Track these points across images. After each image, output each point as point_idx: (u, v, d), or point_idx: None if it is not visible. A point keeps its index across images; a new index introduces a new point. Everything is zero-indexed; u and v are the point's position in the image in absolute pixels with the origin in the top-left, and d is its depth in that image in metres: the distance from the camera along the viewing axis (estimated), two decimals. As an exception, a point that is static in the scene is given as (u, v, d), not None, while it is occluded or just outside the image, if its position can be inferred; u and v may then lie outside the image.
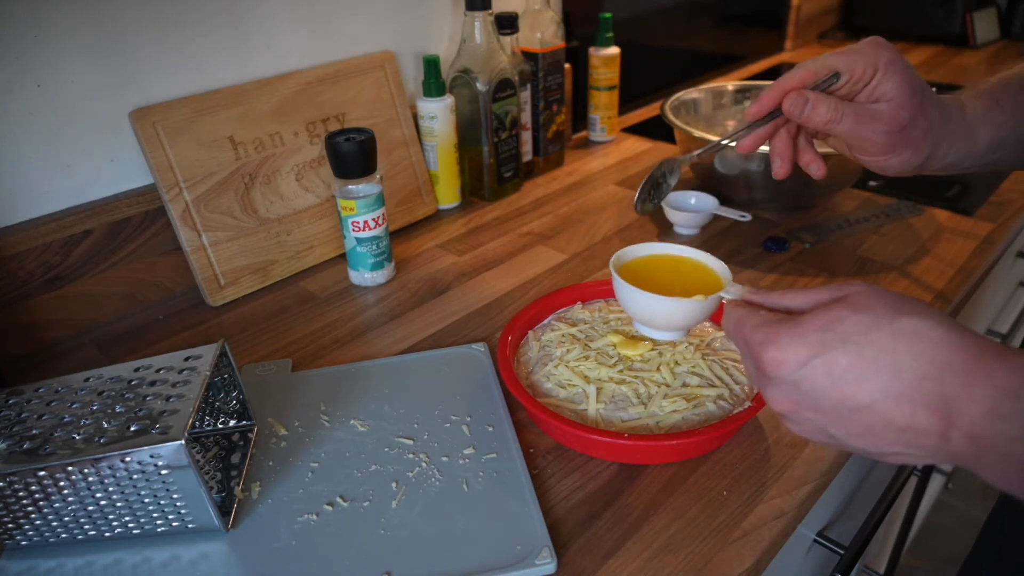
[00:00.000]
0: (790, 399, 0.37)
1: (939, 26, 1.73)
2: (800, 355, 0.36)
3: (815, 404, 0.37)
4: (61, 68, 0.69)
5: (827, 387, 0.36)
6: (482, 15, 0.91)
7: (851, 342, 0.35)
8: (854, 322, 0.36)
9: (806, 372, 0.36)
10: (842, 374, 0.35)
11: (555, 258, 0.87)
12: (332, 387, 0.64)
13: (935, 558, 1.60)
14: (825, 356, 0.36)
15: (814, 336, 0.36)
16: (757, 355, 0.38)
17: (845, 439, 0.37)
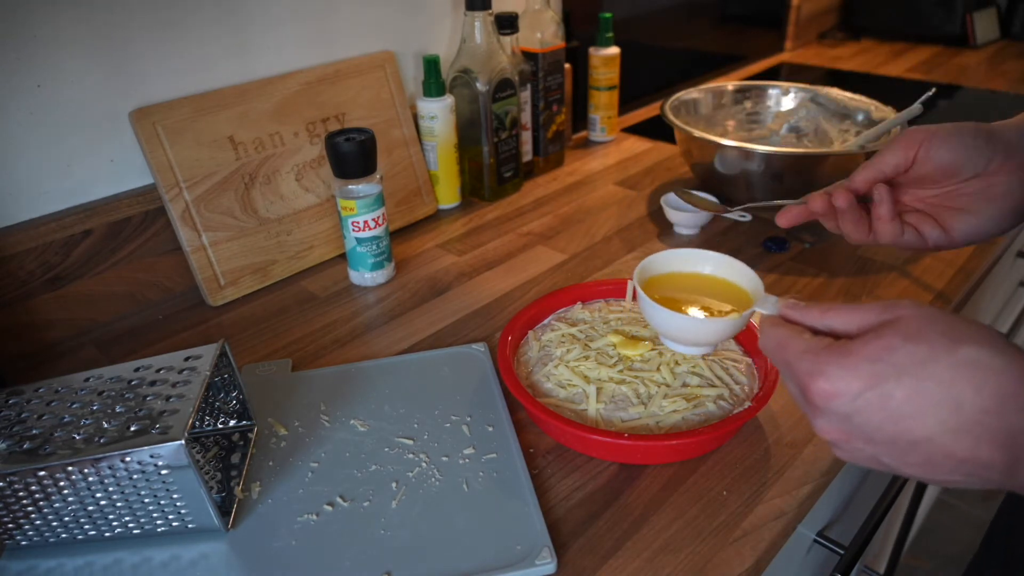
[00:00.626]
0: (840, 430, 0.36)
1: (939, 26, 1.73)
2: (852, 388, 0.35)
3: (868, 436, 0.35)
4: (61, 68, 0.69)
5: (882, 420, 0.34)
6: (482, 15, 0.91)
7: (906, 375, 0.34)
8: (908, 352, 0.34)
9: (859, 405, 0.34)
10: (898, 407, 0.34)
11: (555, 258, 0.87)
12: (332, 387, 0.64)
13: (935, 558, 1.60)
14: (879, 389, 0.34)
15: (866, 368, 0.34)
16: (805, 386, 0.36)
17: (900, 468, 0.36)
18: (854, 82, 1.50)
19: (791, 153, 0.88)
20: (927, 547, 1.62)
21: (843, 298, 0.76)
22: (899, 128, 0.91)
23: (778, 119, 1.11)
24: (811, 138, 1.08)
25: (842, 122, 1.05)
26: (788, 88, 1.11)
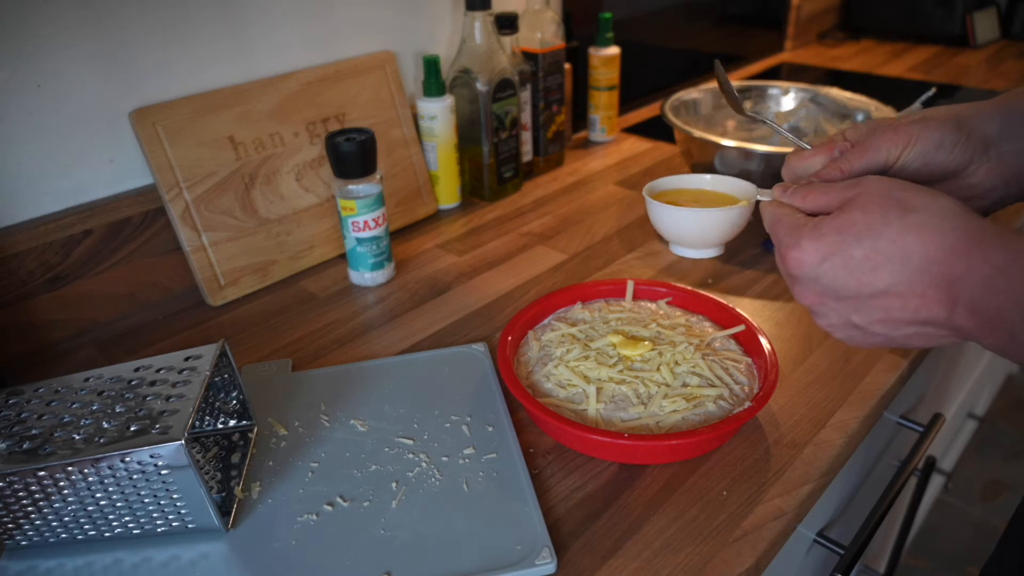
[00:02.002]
0: (813, 292, 0.43)
1: (939, 26, 1.73)
2: (820, 253, 0.41)
3: (836, 294, 0.41)
4: (61, 68, 0.69)
5: (846, 277, 0.40)
6: (482, 15, 0.91)
7: (864, 237, 0.40)
8: (866, 222, 0.40)
9: (825, 268, 0.41)
10: (858, 265, 0.40)
11: (555, 258, 0.87)
12: (332, 387, 0.64)
13: (935, 558, 1.60)
14: (841, 253, 0.40)
15: (832, 238, 0.41)
16: (783, 256, 0.43)
17: (868, 327, 0.41)
18: (854, 82, 1.50)
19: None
20: (927, 547, 1.62)
21: (843, 298, 0.76)
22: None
23: (778, 119, 1.11)
24: (811, 138, 1.08)
25: (842, 122, 1.05)
26: (788, 88, 1.11)
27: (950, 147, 0.47)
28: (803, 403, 0.62)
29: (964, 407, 1.50)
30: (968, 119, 0.47)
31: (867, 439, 0.75)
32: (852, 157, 0.48)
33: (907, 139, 0.46)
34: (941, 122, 0.47)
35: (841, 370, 0.66)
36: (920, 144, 0.46)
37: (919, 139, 0.46)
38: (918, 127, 0.47)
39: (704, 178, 0.60)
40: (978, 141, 0.47)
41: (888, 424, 0.83)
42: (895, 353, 0.68)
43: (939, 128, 0.46)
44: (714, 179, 0.59)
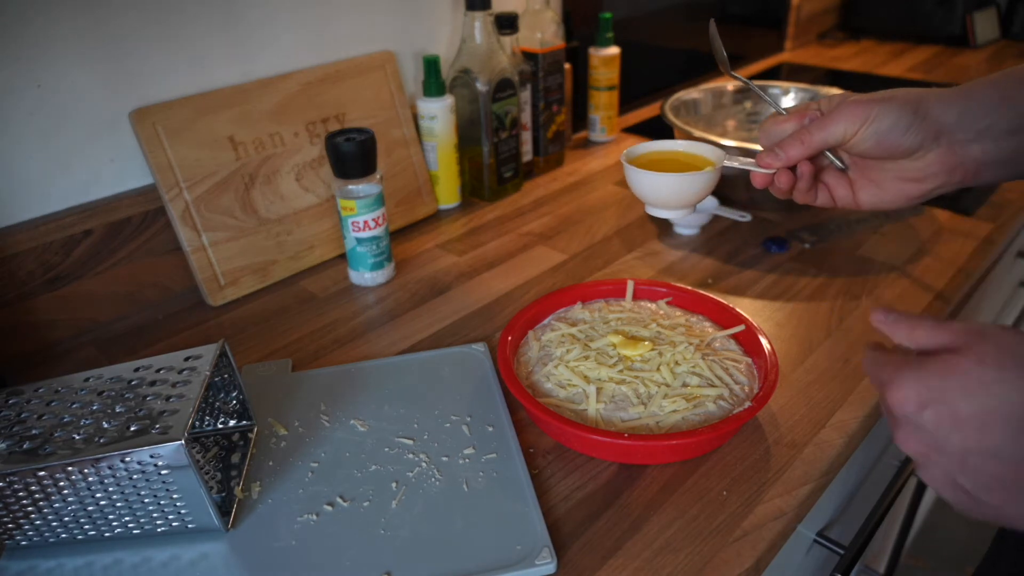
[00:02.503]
0: (917, 440, 0.37)
1: (939, 26, 1.73)
2: (920, 396, 0.36)
3: (940, 447, 0.36)
4: (61, 68, 0.69)
5: (950, 429, 0.35)
6: (482, 15, 0.91)
7: (973, 395, 0.35)
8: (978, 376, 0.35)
9: (929, 415, 0.36)
10: (966, 420, 0.35)
11: (555, 258, 0.87)
12: (332, 387, 0.64)
13: (935, 558, 1.60)
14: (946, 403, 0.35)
15: (935, 382, 0.36)
16: (883, 395, 0.38)
17: (976, 492, 0.36)
18: (854, 82, 1.50)
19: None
20: (927, 547, 1.62)
21: (843, 298, 0.76)
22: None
23: (778, 119, 1.11)
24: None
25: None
26: (788, 88, 1.11)
27: (903, 130, 0.48)
28: (803, 403, 0.62)
29: (964, 407, 1.49)
30: (927, 105, 0.48)
31: (867, 439, 0.75)
32: (813, 129, 0.51)
33: (864, 118, 0.48)
34: (901, 104, 0.48)
35: (841, 370, 0.66)
36: (876, 123, 0.48)
37: (876, 119, 0.48)
38: (878, 108, 0.48)
39: (678, 143, 0.64)
40: (931, 127, 0.48)
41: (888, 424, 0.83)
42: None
43: (897, 110, 0.48)
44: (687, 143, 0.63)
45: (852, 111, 0.49)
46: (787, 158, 0.53)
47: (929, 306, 0.74)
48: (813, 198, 0.56)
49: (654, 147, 0.63)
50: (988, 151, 0.48)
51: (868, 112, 0.48)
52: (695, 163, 0.62)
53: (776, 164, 0.54)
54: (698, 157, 0.62)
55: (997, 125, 0.47)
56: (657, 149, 0.63)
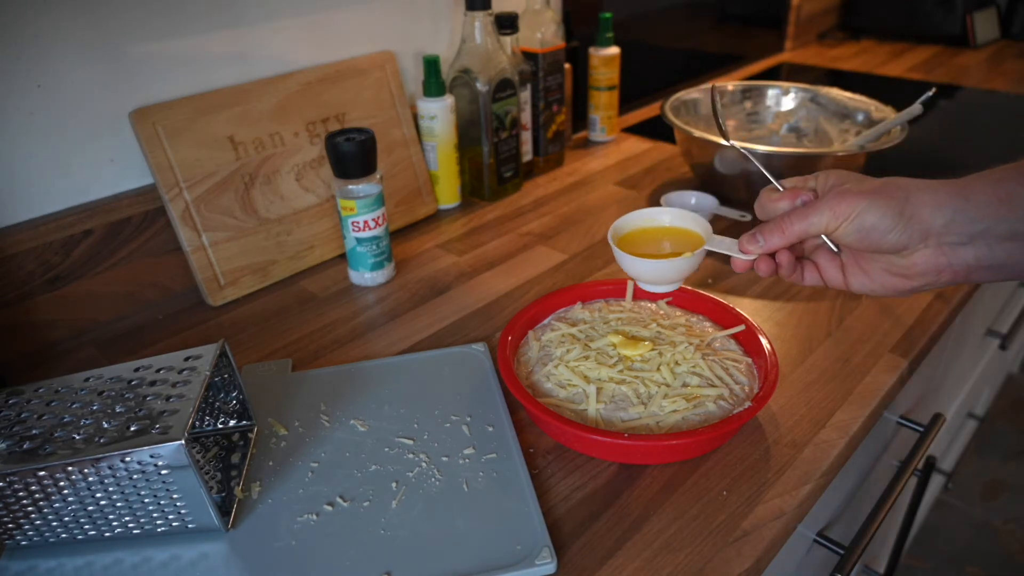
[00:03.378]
0: None
1: (939, 26, 1.73)
2: None
3: None
4: (61, 68, 0.70)
5: None
6: (482, 15, 0.91)
7: None
8: None
9: None
10: None
11: (555, 258, 0.87)
12: (332, 387, 0.64)
13: (935, 558, 1.60)
14: None
15: None
16: None
17: None
18: (854, 82, 1.50)
19: (791, 153, 0.88)
20: (927, 547, 1.62)
21: (843, 298, 0.76)
22: (899, 128, 0.91)
23: (778, 119, 1.11)
24: (811, 138, 1.08)
25: (842, 122, 1.05)
26: (788, 88, 1.11)
27: (886, 230, 0.47)
28: (803, 403, 0.62)
29: (964, 407, 1.50)
30: (916, 204, 0.46)
31: (867, 439, 0.75)
32: (795, 219, 0.50)
33: (848, 214, 0.47)
34: (886, 202, 0.46)
35: (841, 370, 0.66)
36: (859, 220, 0.47)
37: (859, 216, 0.47)
38: (863, 204, 0.47)
39: (664, 214, 0.62)
40: (918, 229, 0.46)
41: (888, 424, 0.83)
42: (895, 353, 0.68)
43: (881, 209, 0.46)
44: (672, 216, 0.62)
45: (836, 205, 0.48)
46: (767, 246, 0.52)
47: (929, 306, 0.74)
48: (800, 278, 0.55)
49: (640, 220, 0.62)
50: (981, 256, 0.46)
51: (852, 208, 0.47)
52: (682, 237, 0.61)
53: (756, 251, 0.53)
54: (685, 232, 0.61)
55: (993, 230, 0.44)
56: (643, 223, 0.62)
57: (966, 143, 1.20)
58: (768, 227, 0.52)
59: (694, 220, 0.61)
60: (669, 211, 0.63)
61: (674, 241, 0.61)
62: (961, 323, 1.04)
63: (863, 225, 0.47)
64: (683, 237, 0.61)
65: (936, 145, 1.18)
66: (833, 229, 0.48)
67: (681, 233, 0.61)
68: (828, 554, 0.70)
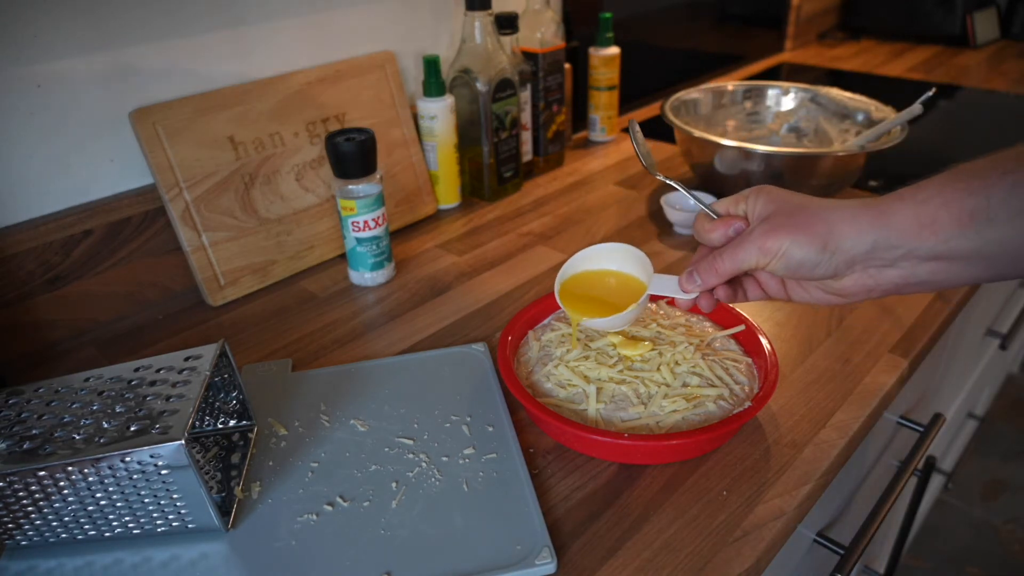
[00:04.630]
0: None
1: (939, 26, 1.73)
2: None
3: None
4: (61, 68, 0.69)
5: None
6: (482, 15, 0.91)
7: None
8: None
9: None
10: None
11: (555, 258, 0.86)
12: (332, 387, 0.64)
13: (935, 558, 1.60)
14: None
15: None
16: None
17: None
18: (854, 82, 1.50)
19: (791, 153, 0.88)
20: (927, 547, 1.62)
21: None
22: (899, 128, 0.91)
23: (778, 119, 1.11)
24: (811, 138, 1.08)
25: (842, 122, 1.05)
26: (788, 88, 1.11)
27: (812, 266, 0.48)
28: (803, 403, 0.62)
29: (964, 407, 1.50)
30: (838, 237, 0.47)
31: (867, 439, 0.75)
32: (726, 258, 0.51)
33: (774, 252, 0.48)
34: (810, 239, 0.47)
35: (841, 370, 0.66)
36: (785, 259, 0.48)
37: (784, 255, 0.48)
38: (787, 242, 0.48)
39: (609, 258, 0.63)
40: (843, 259, 0.47)
41: (888, 424, 0.83)
42: (895, 353, 0.68)
43: (805, 248, 0.47)
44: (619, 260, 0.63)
45: (763, 242, 0.49)
46: (704, 285, 0.54)
47: (929, 306, 0.74)
48: (744, 298, 0.56)
49: (584, 264, 0.63)
50: (906, 275, 0.47)
51: (779, 246, 0.48)
52: (626, 284, 0.62)
53: (695, 291, 0.55)
54: (629, 278, 0.62)
55: (915, 252, 0.45)
56: (586, 267, 0.64)
57: (966, 143, 1.20)
58: (702, 267, 0.53)
59: (638, 261, 0.61)
60: (612, 255, 0.63)
61: (619, 281, 0.62)
62: (961, 323, 1.04)
63: (791, 262, 0.48)
64: (628, 284, 0.62)
65: (936, 145, 1.18)
66: (763, 265, 0.50)
67: (626, 280, 0.62)
68: (828, 554, 0.70)
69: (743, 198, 0.53)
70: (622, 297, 0.60)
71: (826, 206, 0.49)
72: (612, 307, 0.59)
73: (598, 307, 0.60)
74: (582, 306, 0.60)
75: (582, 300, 0.61)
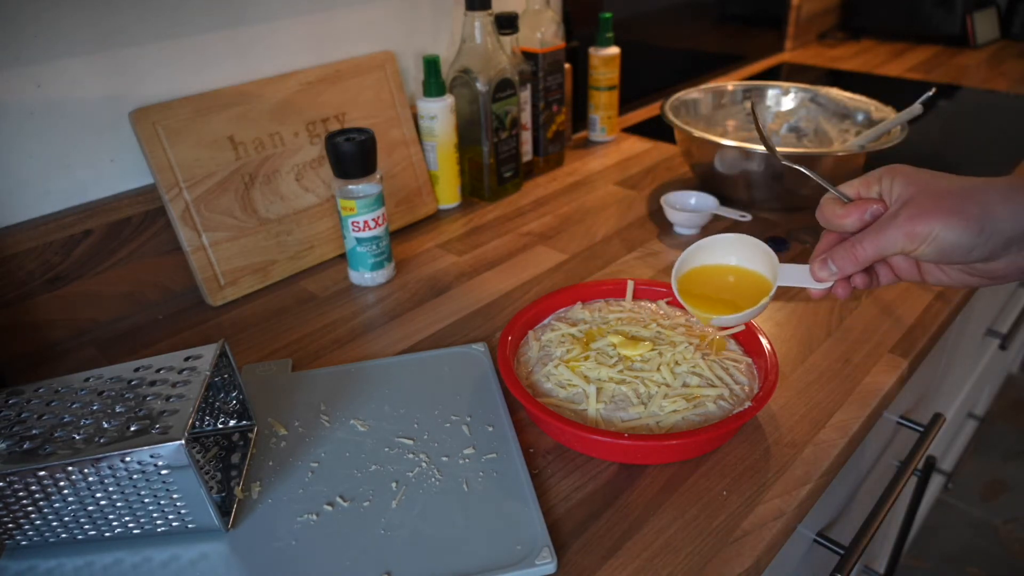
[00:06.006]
0: None
1: (939, 26, 1.73)
2: None
3: None
4: (61, 68, 0.69)
5: None
6: (482, 15, 0.91)
7: None
8: None
9: None
10: None
11: (555, 258, 0.87)
12: (332, 387, 0.64)
13: (935, 558, 1.60)
14: None
15: None
16: None
17: None
18: (854, 82, 1.50)
19: (791, 153, 0.88)
20: (927, 547, 1.62)
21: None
22: (899, 128, 0.91)
23: (778, 119, 1.11)
24: (811, 138, 1.08)
25: (842, 122, 1.05)
26: (788, 88, 1.11)
27: (967, 250, 0.45)
28: (803, 403, 0.62)
29: (964, 407, 1.50)
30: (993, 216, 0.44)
31: (867, 439, 0.75)
32: (867, 244, 0.48)
33: (923, 237, 0.46)
34: (965, 223, 0.44)
35: (841, 370, 0.66)
36: (936, 244, 0.45)
37: (935, 240, 0.45)
38: (939, 226, 0.45)
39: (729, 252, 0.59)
40: (999, 240, 0.45)
41: (888, 424, 0.83)
42: (895, 353, 0.68)
43: (959, 231, 0.44)
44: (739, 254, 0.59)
45: (911, 227, 0.46)
46: (841, 273, 0.51)
47: (929, 306, 0.74)
48: (877, 284, 0.53)
49: (702, 257, 0.59)
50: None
51: (929, 230, 0.45)
52: (745, 276, 0.59)
53: (831, 279, 0.52)
54: (747, 271, 0.59)
55: None
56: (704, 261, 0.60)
57: (966, 143, 1.20)
58: (839, 253, 0.50)
59: (763, 256, 0.57)
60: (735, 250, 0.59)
61: (739, 275, 0.59)
62: (961, 323, 1.04)
63: (942, 246, 0.45)
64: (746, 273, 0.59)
65: (936, 145, 1.18)
66: (910, 251, 0.47)
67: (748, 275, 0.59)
68: (828, 554, 0.70)
69: (875, 179, 0.50)
70: (745, 288, 0.57)
71: (976, 185, 0.46)
72: (736, 299, 0.57)
73: (721, 301, 0.57)
74: (702, 301, 0.57)
75: (702, 293, 0.58)
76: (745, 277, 0.59)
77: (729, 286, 0.59)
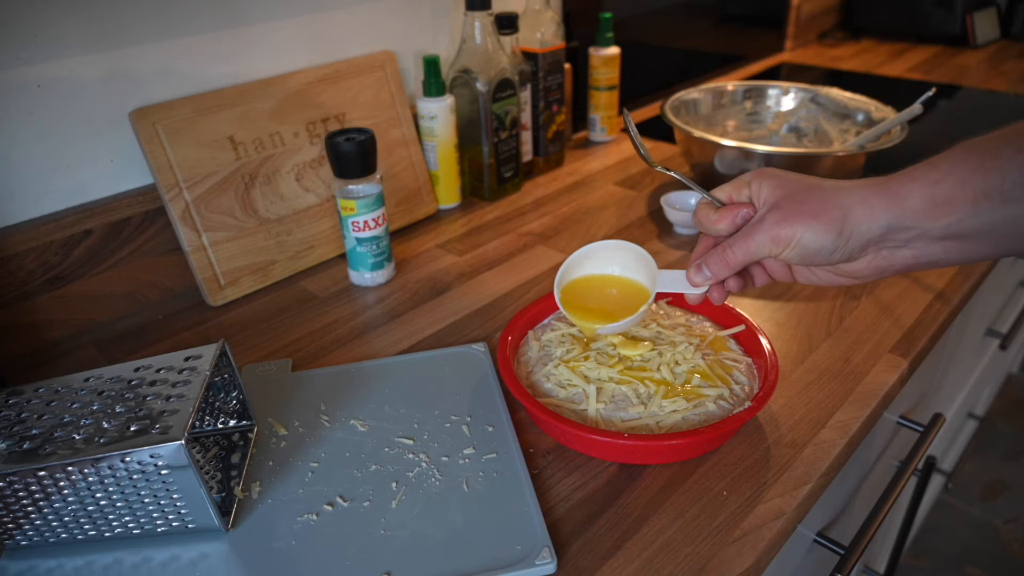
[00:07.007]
0: None
1: (939, 26, 1.73)
2: None
3: None
4: (61, 68, 0.69)
5: None
6: (482, 15, 0.91)
7: None
8: None
9: None
10: None
11: (555, 258, 0.86)
12: (332, 387, 0.64)
13: (935, 558, 1.60)
14: None
15: None
16: None
17: None
18: (854, 82, 1.50)
19: (791, 153, 0.88)
20: (927, 547, 1.62)
21: (843, 298, 0.76)
22: (899, 128, 0.91)
23: (778, 119, 1.11)
24: (811, 138, 1.08)
25: (842, 122, 1.05)
26: (788, 88, 1.11)
27: (828, 253, 0.48)
28: (803, 403, 0.62)
29: (964, 407, 1.50)
30: (853, 222, 0.46)
31: (867, 439, 0.75)
32: (737, 249, 0.51)
33: (787, 241, 0.48)
34: (825, 227, 0.47)
35: (841, 370, 0.66)
36: (799, 248, 0.48)
37: (798, 244, 0.48)
38: (800, 231, 0.47)
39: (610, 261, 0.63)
40: (858, 243, 0.47)
41: (888, 424, 0.83)
42: (895, 353, 0.68)
43: (820, 235, 0.47)
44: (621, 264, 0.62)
45: (776, 232, 0.48)
46: (715, 278, 0.53)
47: (929, 306, 0.74)
48: (752, 285, 0.56)
49: (582, 265, 0.63)
50: (918, 255, 0.47)
51: (792, 234, 0.48)
52: (628, 284, 0.62)
53: (706, 284, 0.54)
54: (629, 279, 0.62)
55: (928, 232, 0.45)
56: (585, 269, 0.63)
57: (966, 143, 1.20)
58: (712, 258, 0.52)
59: (643, 265, 0.60)
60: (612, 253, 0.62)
61: (621, 282, 0.62)
62: (961, 323, 1.04)
63: (806, 249, 0.48)
64: (628, 281, 0.62)
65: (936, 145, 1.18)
66: (777, 254, 0.49)
67: (627, 286, 0.62)
68: (828, 554, 0.70)
69: (745, 184, 0.52)
70: (626, 299, 0.60)
71: (836, 188, 0.48)
72: (616, 310, 0.59)
73: (602, 312, 0.60)
74: (585, 312, 0.60)
75: (584, 304, 0.61)
76: (626, 287, 0.62)
77: (612, 297, 0.61)
